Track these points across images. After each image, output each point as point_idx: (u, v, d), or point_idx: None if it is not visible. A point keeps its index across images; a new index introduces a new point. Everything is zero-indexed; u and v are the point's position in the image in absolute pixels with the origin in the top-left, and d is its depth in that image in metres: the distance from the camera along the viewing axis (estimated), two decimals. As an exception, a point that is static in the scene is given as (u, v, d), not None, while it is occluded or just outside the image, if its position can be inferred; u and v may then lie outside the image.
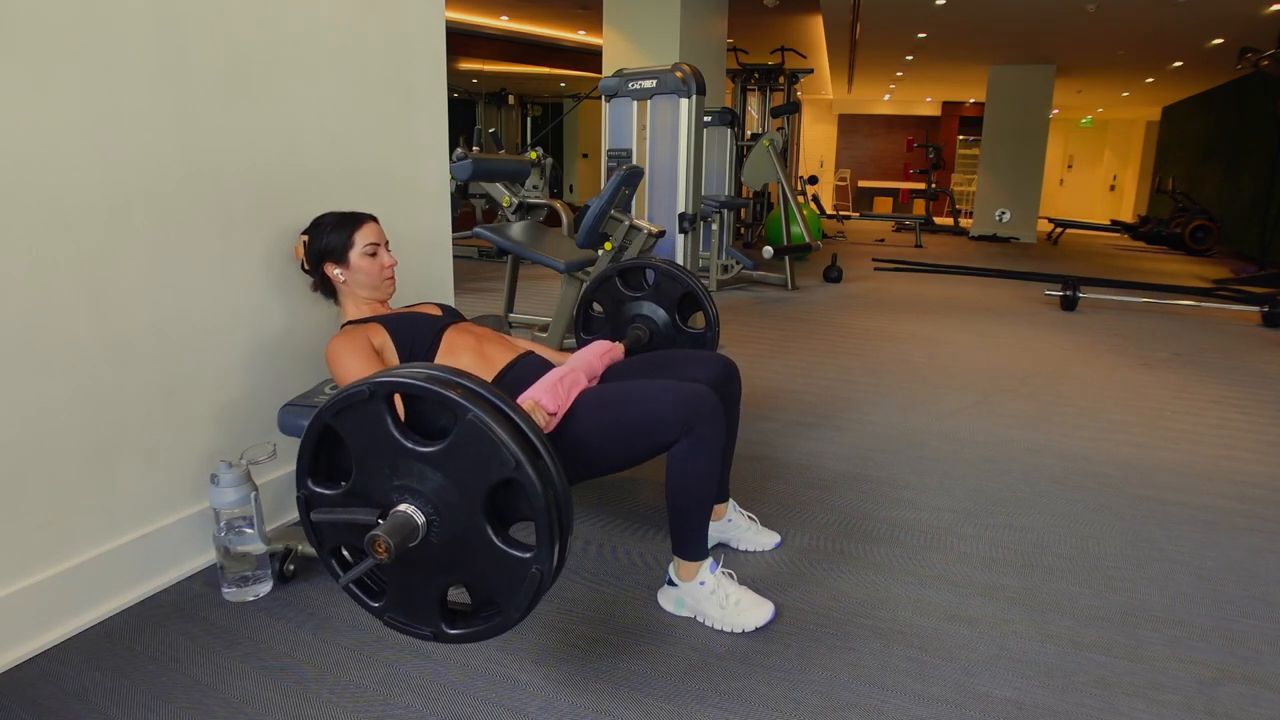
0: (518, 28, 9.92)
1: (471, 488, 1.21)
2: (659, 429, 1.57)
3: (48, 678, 1.47)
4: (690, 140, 3.81)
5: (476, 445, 1.19)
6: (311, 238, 1.83)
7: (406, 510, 1.22)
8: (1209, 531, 2.20)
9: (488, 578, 1.25)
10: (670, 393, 1.60)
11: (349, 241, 1.81)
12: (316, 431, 1.30)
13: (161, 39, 1.66)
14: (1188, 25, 7.76)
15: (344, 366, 1.65)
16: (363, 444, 1.27)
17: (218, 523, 1.70)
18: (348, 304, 1.86)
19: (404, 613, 1.31)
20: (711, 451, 1.58)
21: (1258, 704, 1.48)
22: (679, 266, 2.31)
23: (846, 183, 17.38)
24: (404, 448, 1.23)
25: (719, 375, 1.88)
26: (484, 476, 1.20)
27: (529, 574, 1.21)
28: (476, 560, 1.24)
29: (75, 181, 1.53)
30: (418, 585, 1.29)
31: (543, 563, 1.20)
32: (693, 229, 3.92)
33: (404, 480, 1.24)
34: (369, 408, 1.24)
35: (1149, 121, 15.80)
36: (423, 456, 1.23)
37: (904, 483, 2.48)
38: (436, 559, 1.25)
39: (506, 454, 1.17)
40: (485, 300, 5.43)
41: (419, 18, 2.33)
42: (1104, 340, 4.70)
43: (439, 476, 1.23)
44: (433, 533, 1.23)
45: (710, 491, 1.62)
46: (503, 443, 1.17)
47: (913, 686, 1.50)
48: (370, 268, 1.82)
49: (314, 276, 1.86)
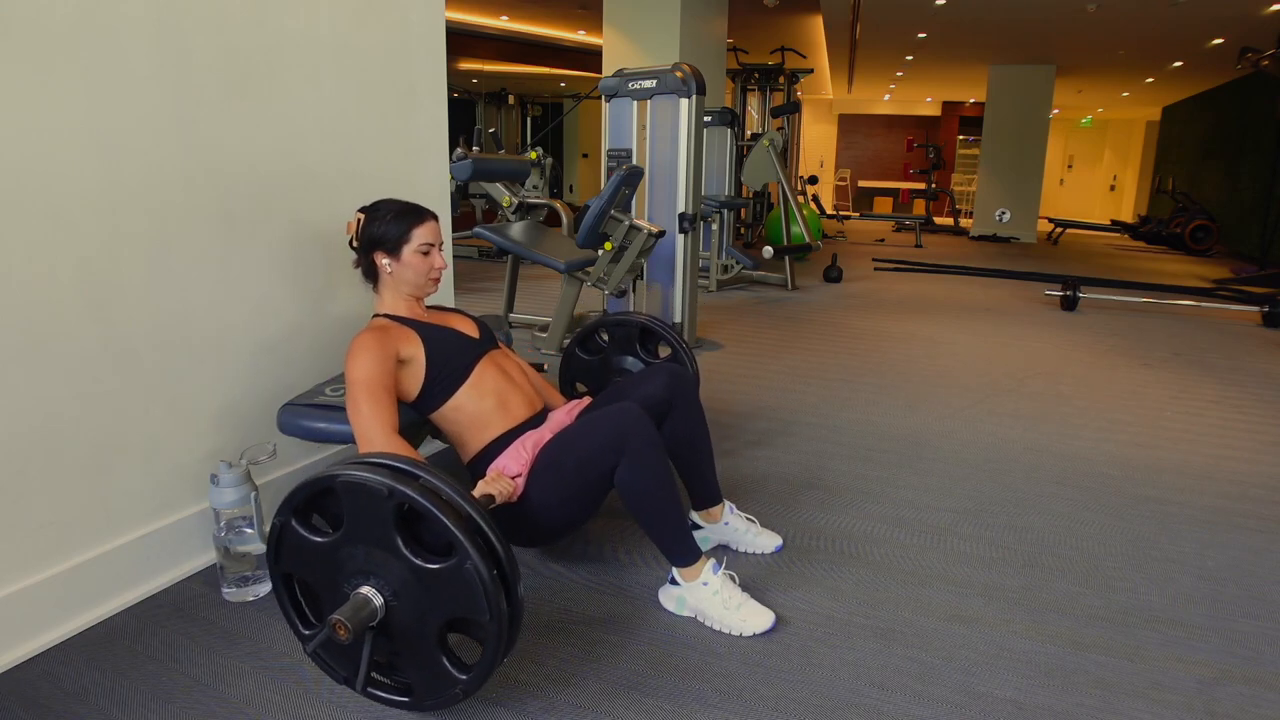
0: (518, 28, 9.92)
1: (383, 536, 1.29)
2: (597, 460, 1.62)
3: (48, 678, 1.47)
4: (690, 140, 3.81)
5: (358, 498, 1.27)
6: (368, 219, 1.78)
7: (360, 591, 1.29)
8: (1209, 531, 2.20)
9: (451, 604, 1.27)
10: (596, 423, 1.66)
11: (406, 236, 1.76)
12: (279, 583, 1.41)
13: (162, 40, 1.66)
14: (1188, 25, 7.76)
15: (359, 367, 1.62)
16: (307, 567, 1.37)
17: (218, 523, 1.70)
18: (385, 294, 1.83)
19: (431, 692, 1.33)
20: (652, 461, 1.61)
21: (1258, 704, 1.48)
22: (622, 313, 2.45)
23: (846, 183, 17.37)
24: (328, 545, 1.33)
25: (665, 386, 1.90)
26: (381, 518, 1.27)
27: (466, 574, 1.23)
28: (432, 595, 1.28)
29: (75, 181, 1.53)
30: (421, 656, 1.32)
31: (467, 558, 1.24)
32: (693, 229, 3.92)
33: (348, 570, 1.31)
34: (288, 535, 1.35)
35: (1149, 121, 15.79)
36: (341, 539, 1.32)
37: (904, 483, 2.48)
38: (410, 618, 1.30)
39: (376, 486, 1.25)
40: (485, 300, 5.43)
41: (419, 18, 2.33)
42: (1104, 340, 4.70)
43: (362, 547, 1.31)
44: (390, 599, 1.29)
45: (668, 497, 1.63)
46: (368, 481, 1.25)
47: (913, 686, 1.50)
48: (420, 266, 1.78)
49: (360, 258, 1.81)
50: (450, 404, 1.78)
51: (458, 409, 1.79)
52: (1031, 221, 11.30)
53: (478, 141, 9.08)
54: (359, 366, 1.62)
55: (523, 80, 11.77)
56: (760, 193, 9.52)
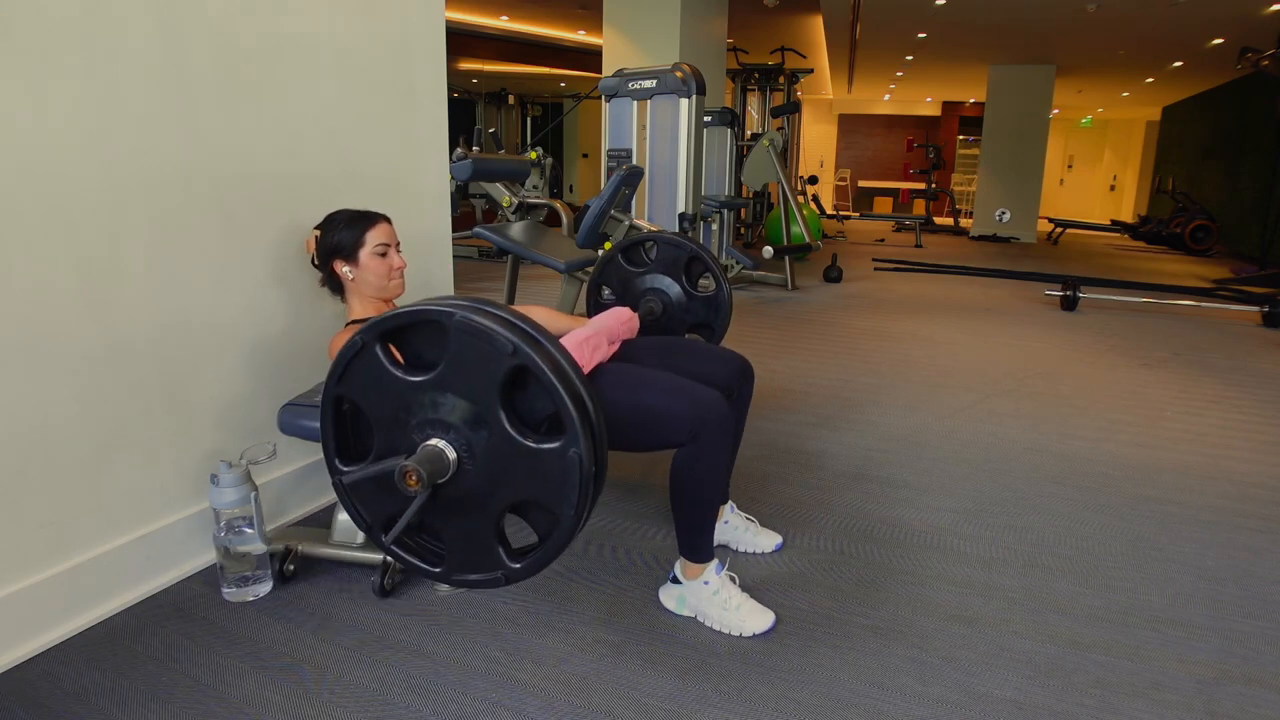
0: (518, 28, 9.92)
1: (483, 395, 1.17)
2: (667, 427, 1.57)
3: (48, 678, 1.47)
4: (690, 140, 3.81)
5: (472, 346, 1.16)
6: (324, 233, 1.81)
7: (433, 443, 1.19)
8: (1209, 531, 2.20)
9: (532, 486, 1.19)
10: (685, 395, 1.59)
11: (360, 240, 1.79)
12: (330, 405, 1.28)
13: (162, 39, 1.66)
14: (1188, 25, 7.76)
15: None
16: (372, 399, 1.24)
17: (218, 523, 1.70)
18: (354, 302, 1.85)
19: (468, 566, 1.26)
20: (716, 459, 1.59)
21: (1258, 704, 1.48)
22: (679, 234, 2.32)
23: (846, 183, 17.37)
24: (410, 384, 1.20)
25: (735, 376, 1.89)
26: (491, 375, 1.16)
27: (567, 461, 1.15)
28: (515, 471, 1.19)
29: (75, 181, 1.53)
30: (471, 528, 1.24)
31: (576, 443, 1.15)
32: (693, 229, 3.92)
33: (421, 418, 1.20)
34: (364, 359, 1.22)
35: (1149, 121, 15.79)
36: (430, 384, 1.19)
37: (904, 483, 2.48)
38: (478, 487, 1.21)
39: (501, 340, 1.14)
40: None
41: (419, 18, 2.33)
42: (1104, 340, 4.69)
43: (451, 398, 1.19)
44: (465, 460, 1.20)
45: (715, 496, 1.63)
46: (494, 332, 1.14)
47: (913, 686, 1.50)
48: (379, 268, 1.81)
49: (323, 272, 1.85)
50: None
51: None
52: (1031, 221, 11.30)
53: (478, 141, 9.08)
54: None
55: (523, 80, 11.77)
56: (760, 193, 9.52)
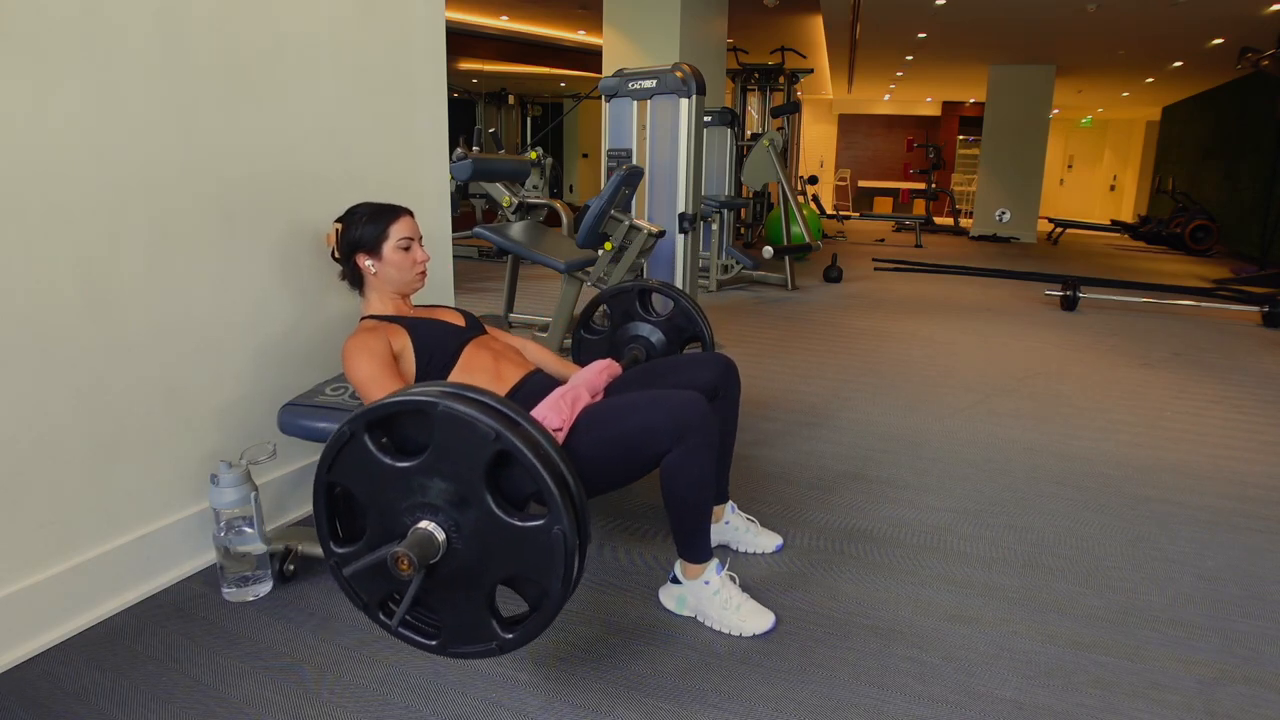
0: (518, 28, 9.92)
1: (469, 478, 1.21)
2: (651, 440, 1.57)
3: (48, 678, 1.47)
4: (690, 140, 3.80)
5: (456, 433, 1.20)
6: (345, 226, 1.79)
7: (422, 526, 1.23)
8: (1209, 531, 2.20)
9: (520, 562, 1.23)
10: (660, 403, 1.60)
11: (384, 234, 1.77)
12: (321, 491, 1.32)
13: (162, 39, 1.66)
14: (1188, 25, 7.76)
15: (359, 369, 1.62)
16: (363, 485, 1.29)
17: (218, 523, 1.70)
18: (372, 296, 1.83)
19: (463, 639, 1.30)
20: (704, 458, 1.58)
21: (1258, 704, 1.48)
22: (698, 308, 2.36)
23: (846, 183, 17.37)
24: (399, 469, 1.25)
25: (718, 376, 1.88)
26: (475, 460, 1.20)
27: (552, 538, 1.19)
28: (503, 549, 1.22)
29: (75, 181, 1.53)
30: (464, 603, 1.28)
31: (559, 520, 1.18)
32: (693, 229, 3.92)
33: (411, 501, 1.25)
34: (354, 448, 1.27)
35: (1149, 121, 15.79)
36: (418, 469, 1.24)
37: (904, 483, 2.48)
38: (468, 565, 1.25)
39: (484, 428, 1.18)
40: (485, 300, 5.43)
41: (419, 18, 2.33)
42: (1104, 340, 4.69)
43: (438, 481, 1.23)
44: (454, 540, 1.24)
45: (708, 496, 1.62)
46: (476, 420, 1.18)
47: (913, 686, 1.50)
48: (403, 262, 1.79)
49: (344, 266, 1.82)
50: None
51: None
52: (1031, 221, 11.30)
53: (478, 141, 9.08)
54: (360, 367, 1.62)
55: (523, 80, 11.77)
56: (760, 193, 9.52)
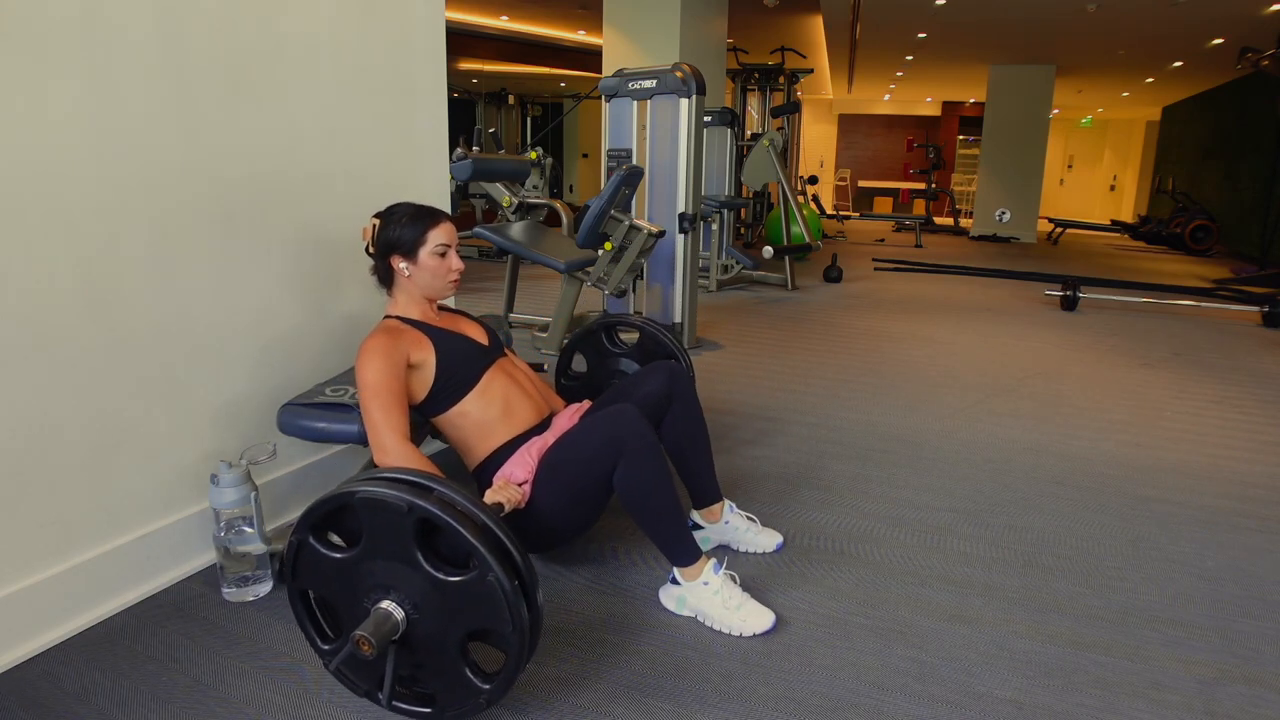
0: (518, 28, 9.92)
1: (404, 551, 1.27)
2: (596, 462, 1.63)
3: (48, 678, 1.47)
4: (690, 140, 3.81)
5: (378, 514, 1.27)
6: (384, 224, 1.77)
7: (381, 606, 1.28)
8: (1209, 531, 2.20)
9: (473, 615, 1.27)
10: (594, 427, 1.66)
11: (422, 238, 1.76)
12: (296, 599, 1.39)
13: (162, 39, 1.66)
14: (1188, 25, 7.76)
15: (370, 371, 1.63)
16: (324, 583, 1.35)
17: (218, 523, 1.70)
18: (400, 296, 1.82)
19: (453, 700, 1.33)
20: (648, 463, 1.61)
21: (1258, 704, 1.48)
22: (662, 328, 2.39)
23: (846, 183, 17.36)
24: (347, 561, 1.31)
25: (666, 383, 1.92)
26: (401, 533, 1.26)
27: (488, 586, 1.23)
28: (453, 608, 1.28)
29: (75, 181, 1.53)
30: (443, 667, 1.31)
31: (489, 569, 1.22)
32: (693, 229, 3.92)
33: (366, 585, 1.31)
34: (306, 552, 1.33)
35: (1149, 121, 15.79)
36: (361, 555, 1.30)
37: (904, 483, 2.48)
38: (432, 631, 1.30)
39: (396, 503, 1.24)
40: (485, 300, 5.43)
41: (419, 18, 2.33)
42: (1104, 340, 4.69)
43: (381, 562, 1.29)
44: (411, 612, 1.29)
45: (666, 497, 1.63)
46: (387, 498, 1.24)
47: (913, 686, 1.50)
48: (438, 268, 1.78)
49: (377, 262, 1.80)
50: (456, 409, 1.78)
51: (463, 415, 1.79)
52: (1031, 221, 11.30)
53: (478, 141, 9.08)
54: (370, 371, 1.63)
55: (523, 80, 11.76)
56: (760, 193, 9.52)
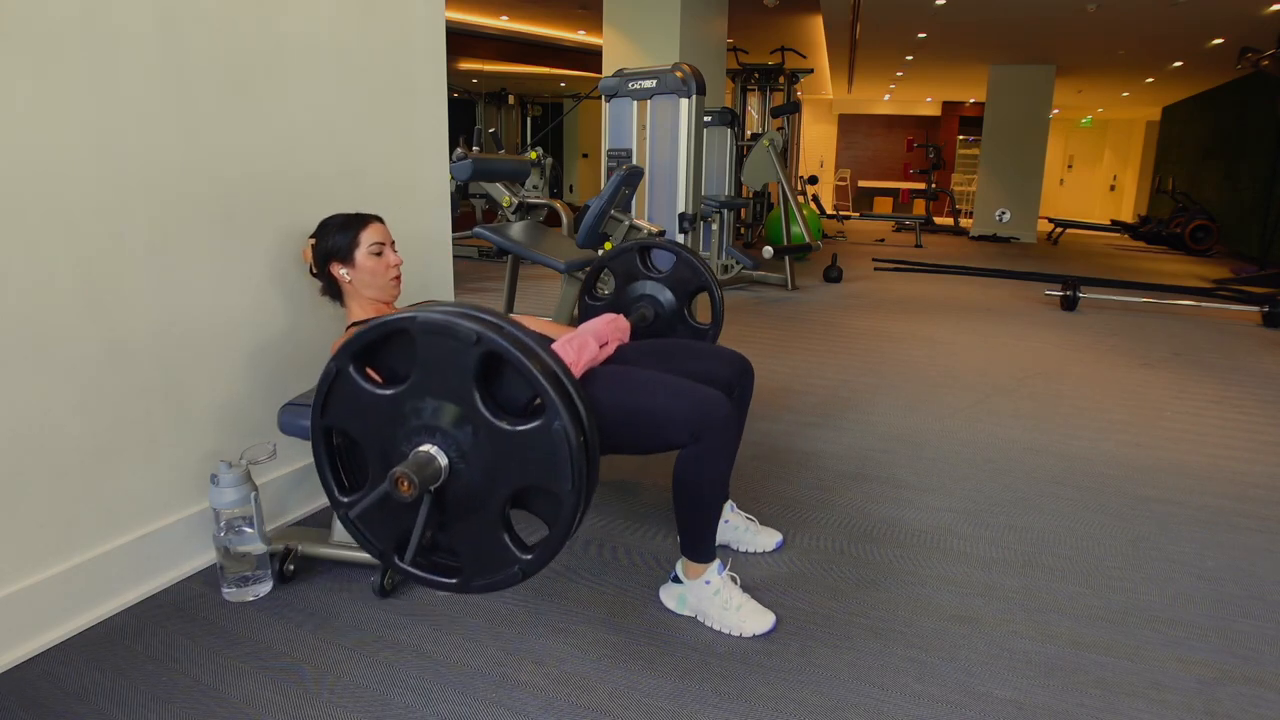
0: (518, 28, 9.91)
1: (460, 390, 1.16)
2: (669, 428, 1.56)
3: (48, 678, 1.47)
4: (690, 140, 3.81)
5: (438, 345, 1.16)
6: (319, 240, 1.81)
7: (423, 449, 1.19)
8: (1209, 531, 2.20)
9: (526, 470, 1.18)
10: (687, 395, 1.59)
11: (354, 241, 1.79)
12: (319, 438, 1.29)
13: (162, 39, 1.66)
14: (1188, 25, 7.76)
15: None
16: (358, 423, 1.25)
17: (218, 523, 1.70)
18: (353, 305, 1.84)
19: (483, 569, 1.24)
20: (719, 459, 1.58)
21: (1258, 704, 1.48)
22: (699, 258, 2.30)
23: (846, 183, 17.36)
24: (390, 397, 1.21)
25: (736, 375, 1.89)
26: (462, 369, 1.16)
27: (554, 436, 1.14)
28: (506, 459, 1.18)
29: (75, 181, 1.53)
30: (479, 529, 1.22)
31: (557, 416, 1.13)
32: (693, 229, 3.92)
33: (408, 428, 1.21)
34: (341, 383, 1.23)
35: (1149, 121, 15.78)
36: (409, 392, 1.19)
37: (904, 483, 2.48)
38: (475, 485, 1.20)
39: (465, 331, 1.14)
40: (485, 300, 5.43)
41: (419, 18, 2.33)
42: (1104, 340, 4.69)
43: (431, 401, 1.19)
44: (456, 461, 1.19)
45: (718, 496, 1.63)
46: (455, 324, 1.15)
47: (913, 686, 1.50)
48: (376, 267, 1.80)
49: (321, 279, 1.84)
50: None
51: None
52: (1031, 221, 11.30)
53: (478, 141, 9.08)
54: None
55: (523, 80, 11.76)
56: (760, 193, 9.52)
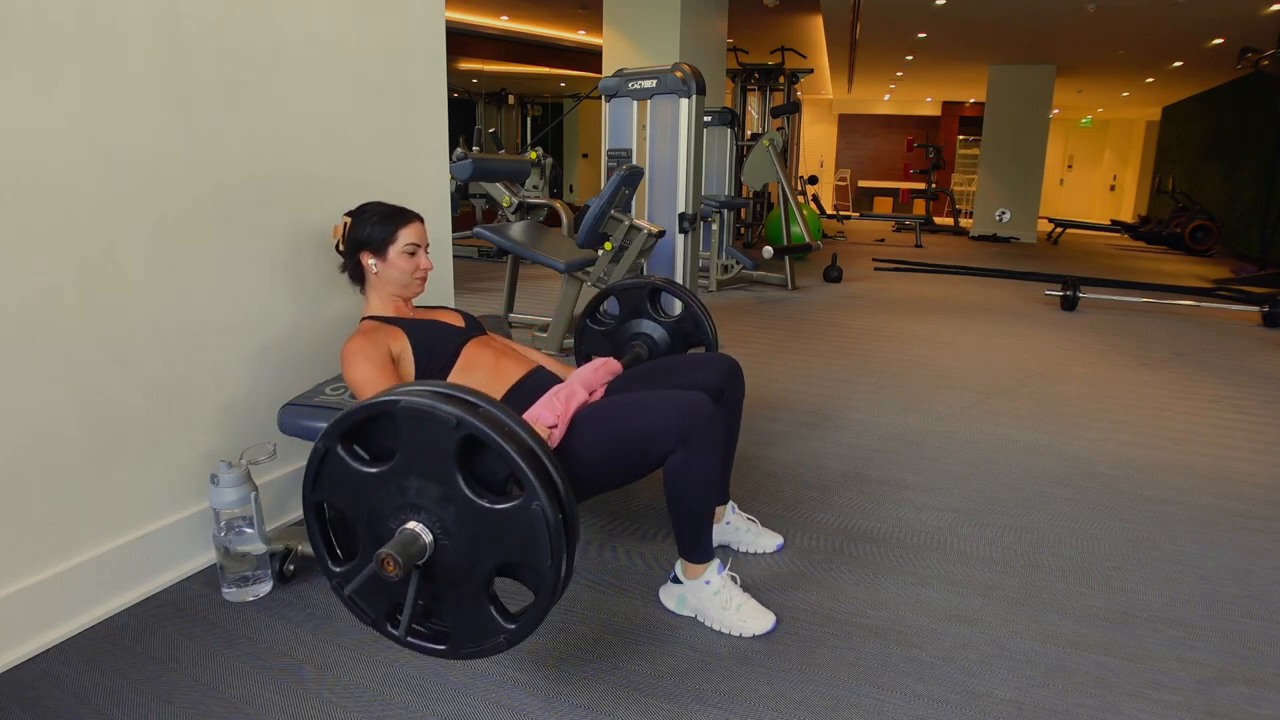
0: (518, 28, 9.92)
1: (442, 470, 1.19)
2: (655, 441, 1.55)
3: (48, 678, 1.47)
4: (690, 140, 3.81)
5: (421, 428, 1.19)
6: (354, 223, 1.79)
7: (408, 527, 1.22)
8: (1209, 531, 2.20)
9: (508, 547, 1.21)
10: (665, 403, 1.59)
11: (392, 236, 1.77)
12: (311, 512, 1.33)
13: (162, 39, 1.66)
14: (1188, 25, 7.76)
15: (355, 372, 1.63)
16: (347, 498, 1.29)
17: (218, 523, 1.70)
18: (373, 296, 1.83)
19: (470, 638, 1.28)
20: (710, 460, 1.57)
21: (1258, 704, 1.48)
22: (708, 315, 2.31)
23: (846, 183, 17.37)
24: (376, 476, 1.25)
25: (723, 378, 1.88)
26: (444, 451, 1.19)
27: (532, 516, 1.17)
28: (488, 536, 1.21)
29: (75, 181, 1.53)
30: (464, 600, 1.26)
31: (535, 497, 1.16)
32: (693, 229, 3.92)
33: (394, 504, 1.25)
34: (331, 462, 1.27)
35: (1149, 121, 15.79)
36: (394, 471, 1.24)
37: (904, 483, 2.48)
38: (460, 559, 1.23)
39: (445, 415, 1.17)
40: (485, 300, 5.43)
41: (419, 18, 2.33)
42: (1104, 340, 4.69)
43: (415, 480, 1.23)
44: (441, 537, 1.23)
45: (711, 497, 1.62)
46: (436, 409, 1.17)
47: (913, 686, 1.50)
48: (406, 266, 1.79)
49: (346, 260, 1.82)
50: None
51: None
52: (1031, 221, 11.30)
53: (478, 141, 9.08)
54: (358, 371, 1.63)
55: (523, 80, 11.77)
56: (760, 193, 9.52)
